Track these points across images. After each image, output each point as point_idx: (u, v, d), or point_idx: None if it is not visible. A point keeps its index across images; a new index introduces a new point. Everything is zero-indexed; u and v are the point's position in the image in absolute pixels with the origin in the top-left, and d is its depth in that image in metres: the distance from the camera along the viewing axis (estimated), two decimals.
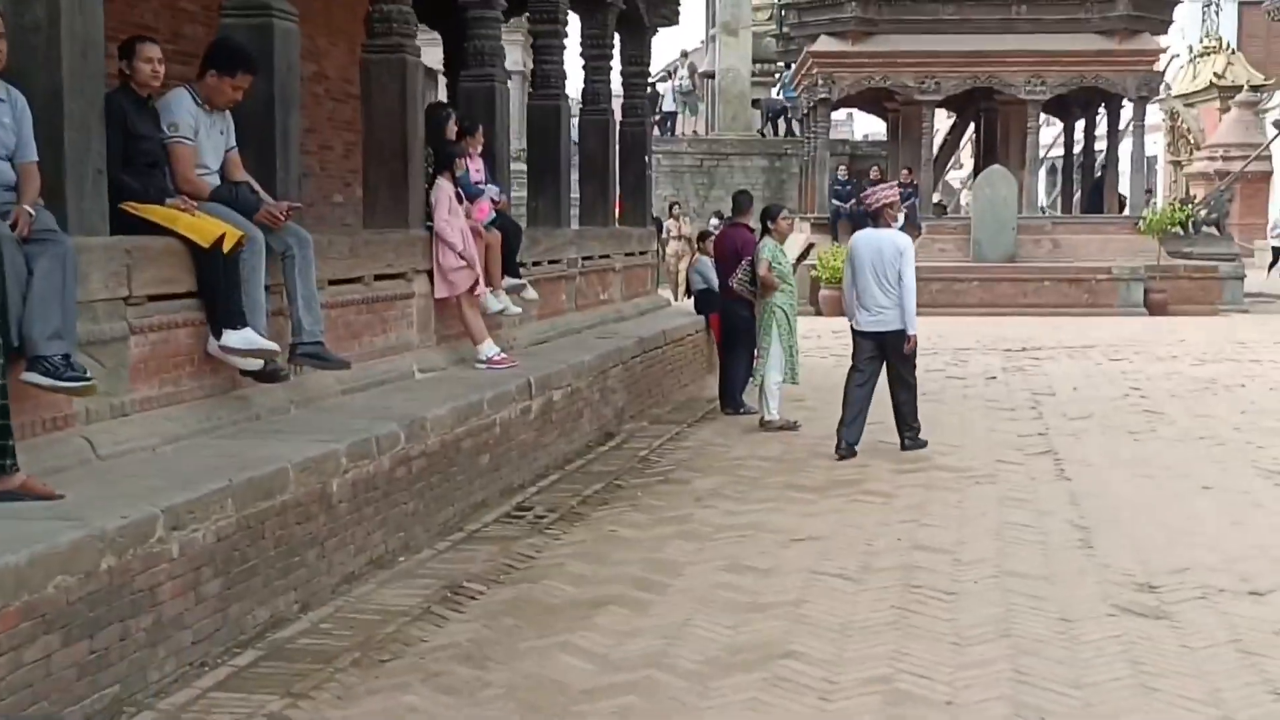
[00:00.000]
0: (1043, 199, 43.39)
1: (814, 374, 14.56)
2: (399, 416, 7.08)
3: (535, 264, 11.29)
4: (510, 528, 7.55)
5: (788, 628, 5.63)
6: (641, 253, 15.11)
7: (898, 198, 10.89)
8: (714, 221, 28.71)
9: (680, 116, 38.87)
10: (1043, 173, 43.43)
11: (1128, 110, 26.61)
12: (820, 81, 25.14)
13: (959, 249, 23.92)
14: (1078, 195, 29.89)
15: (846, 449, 9.62)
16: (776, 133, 35.11)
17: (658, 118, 38.23)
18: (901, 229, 11.34)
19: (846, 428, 9.70)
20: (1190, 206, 26.11)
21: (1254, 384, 13.64)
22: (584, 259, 12.73)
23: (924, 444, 9.83)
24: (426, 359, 8.88)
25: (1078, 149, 29.50)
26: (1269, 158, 37.21)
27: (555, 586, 6.30)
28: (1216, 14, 43.90)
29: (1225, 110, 38.75)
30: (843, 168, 25.60)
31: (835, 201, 25.08)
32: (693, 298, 14.76)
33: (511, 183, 12.31)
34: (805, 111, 27.79)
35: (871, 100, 28.82)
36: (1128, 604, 5.97)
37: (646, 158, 15.65)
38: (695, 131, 38.84)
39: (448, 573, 6.53)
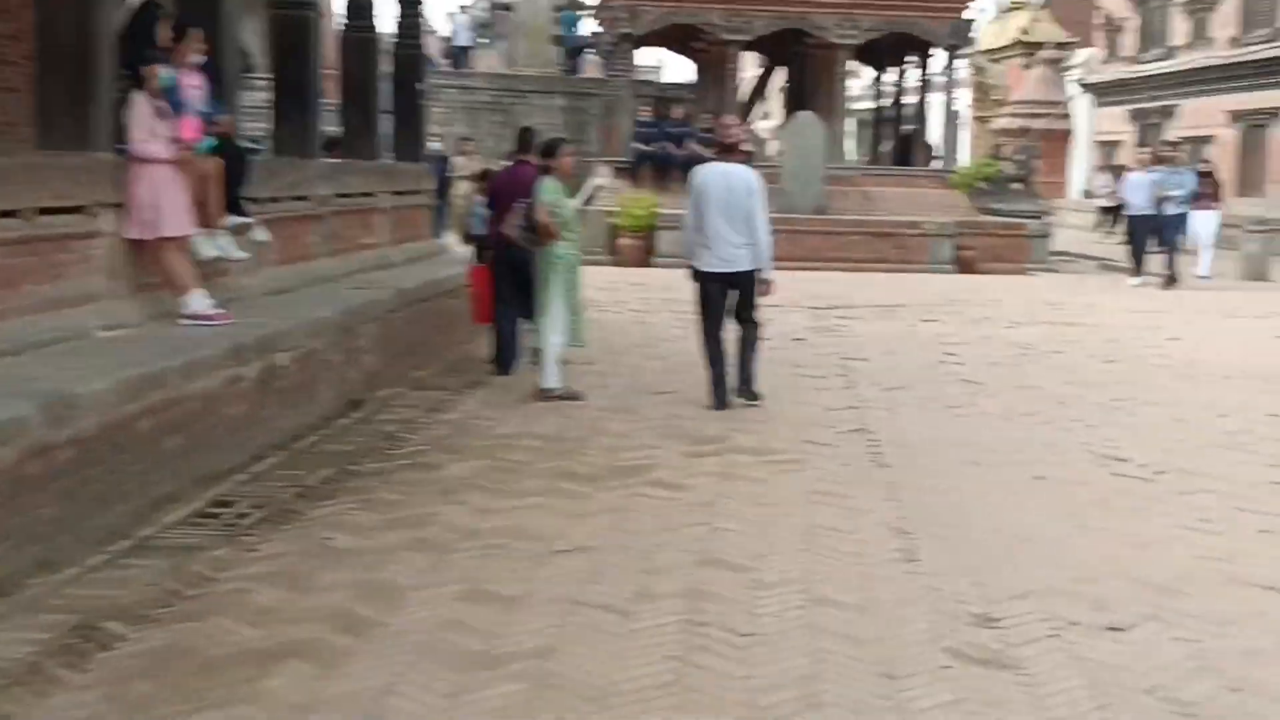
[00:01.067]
0: (853, 150, 42.89)
1: (607, 332, 13.18)
2: (39, 393, 5.39)
3: (274, 200, 9.59)
4: (196, 533, 5.93)
5: (527, 696, 4.19)
6: (415, 191, 13.44)
7: (745, 136, 10.13)
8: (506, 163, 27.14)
9: (475, 50, 36.84)
10: (852, 125, 42.90)
11: (938, 62, 25.86)
12: (622, 16, 23.63)
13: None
14: (887, 147, 29.12)
15: (721, 403, 9.13)
16: (577, 71, 33.51)
17: (447, 52, 36.38)
18: None
19: (716, 385, 9.18)
20: (998, 162, 25.48)
21: (1072, 350, 12.72)
22: (340, 196, 11.03)
23: (759, 397, 9.30)
24: (113, 313, 7.16)
25: (888, 101, 28.67)
26: (1070, 116, 37.26)
27: (227, 627, 4.73)
28: None
29: (1029, 67, 38.64)
30: (645, 109, 24.16)
31: (638, 144, 23.65)
32: (473, 243, 13.16)
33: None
34: (608, 49, 26.23)
35: (679, 40, 27.42)
36: (964, 647, 4.70)
37: (420, 85, 13.92)
38: (492, 67, 36.98)
39: (88, 604, 4.91)
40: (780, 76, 29.47)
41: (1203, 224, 21.00)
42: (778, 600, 5.15)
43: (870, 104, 30.32)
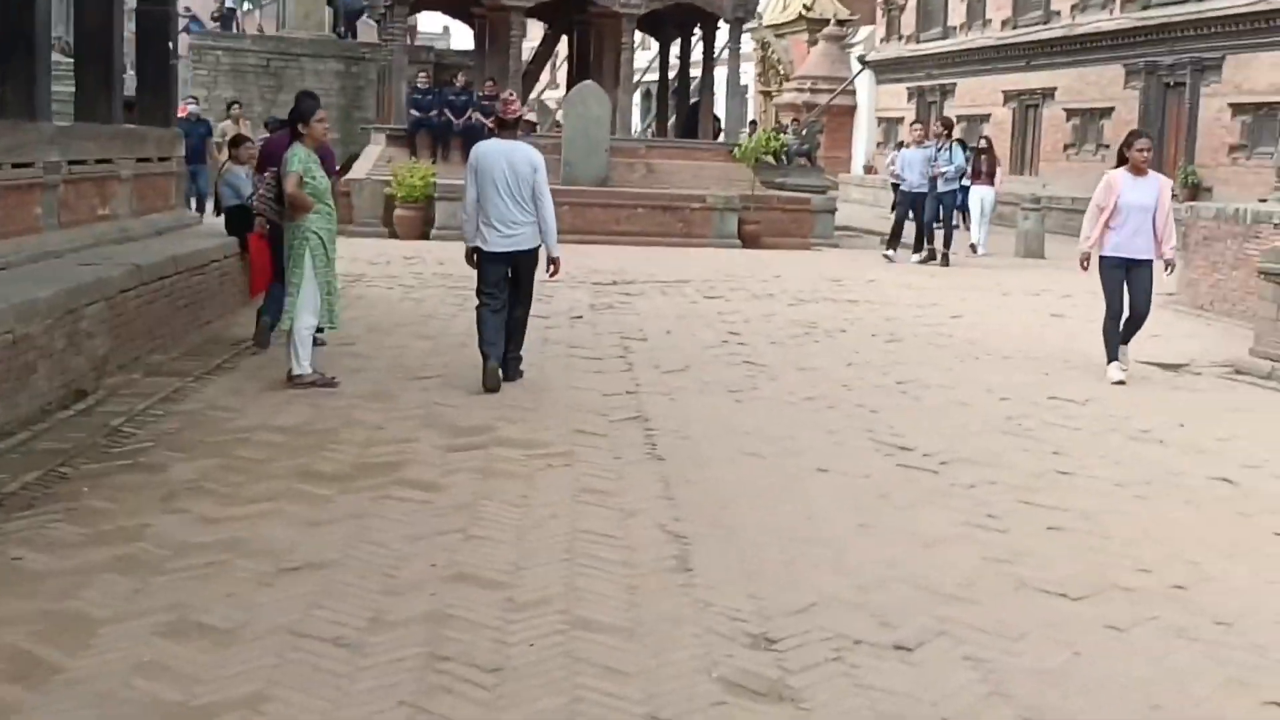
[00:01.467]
0: (638, 124, 42.56)
1: (373, 310, 12.42)
2: None
3: None
4: None
5: None
6: (163, 159, 12.37)
7: (520, 110, 9.46)
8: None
9: (241, 12, 35.15)
10: (638, 97, 42.59)
11: (723, 34, 25.63)
12: None
13: (550, 170, 22.05)
14: (673, 120, 28.81)
15: (494, 386, 8.75)
16: (353, 35, 32.26)
17: (216, 14, 34.69)
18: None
19: (489, 368, 8.80)
20: (783, 136, 25.41)
21: (854, 329, 12.50)
22: (72, 164, 9.97)
23: (522, 375, 9.15)
24: None
25: (674, 74, 28.35)
26: (854, 92, 37.66)
27: None
28: None
29: (813, 43, 38.91)
30: (423, 75, 23.21)
31: (415, 112, 22.72)
32: (223, 215, 12.21)
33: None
34: (382, 11, 25.15)
35: (458, 5, 26.55)
36: (738, 676, 4.19)
37: (171, 44, 12.83)
38: (261, 29, 35.38)
39: None
40: (565, 46, 28.86)
41: (978, 200, 21.30)
42: (533, 624, 4.56)
43: (656, 76, 29.93)
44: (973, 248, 21.19)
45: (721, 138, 25.39)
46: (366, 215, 20.74)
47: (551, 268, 9.02)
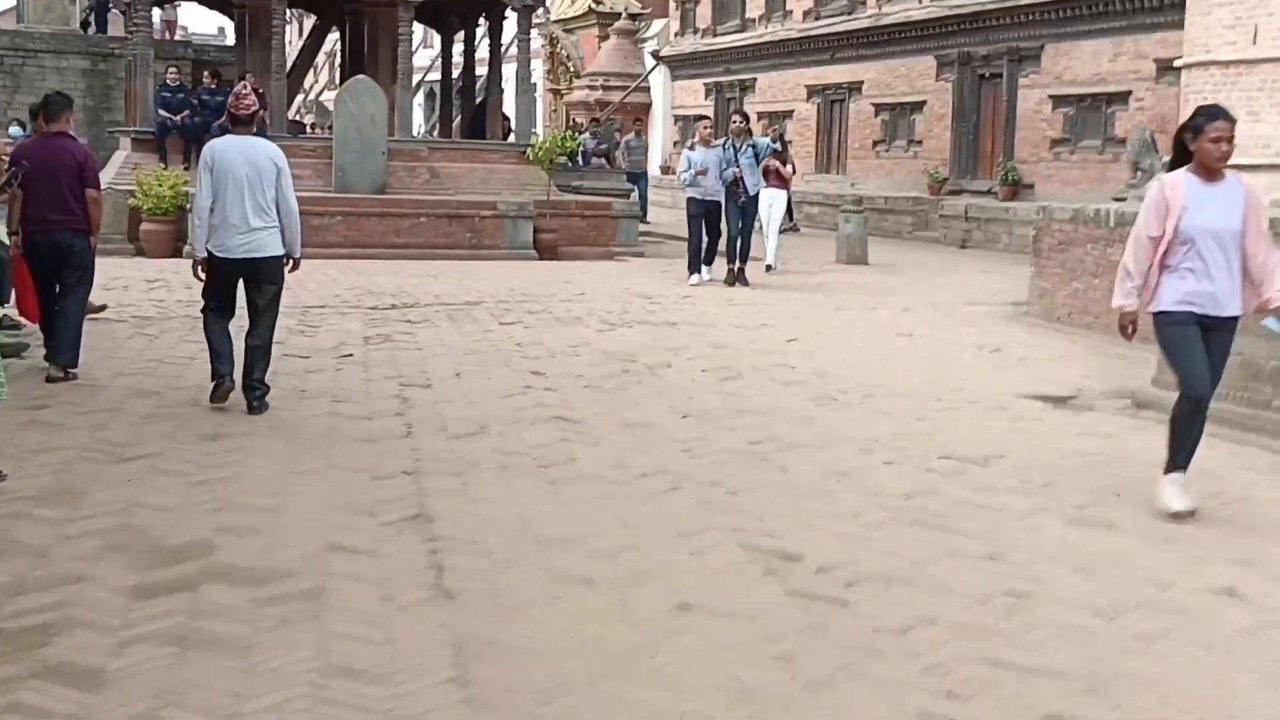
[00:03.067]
0: (420, 125, 40.07)
1: (89, 355, 9.86)
2: None
3: None
4: None
5: None
6: None
7: (256, 105, 8.50)
8: (14, 130, 22.58)
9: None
10: (420, 98, 40.10)
11: (511, 26, 23.49)
12: None
13: (320, 176, 19.66)
14: (458, 121, 26.51)
15: (224, 395, 8.14)
16: (103, 29, 29.02)
17: None
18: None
19: (223, 383, 8.13)
20: (579, 135, 23.38)
21: (680, 362, 10.51)
22: None
23: (267, 407, 8.13)
24: None
25: (458, 71, 26.05)
26: (648, 89, 35.96)
27: None
28: None
29: (604, 38, 37.14)
30: (173, 70, 20.40)
31: (163, 112, 19.94)
32: None
33: None
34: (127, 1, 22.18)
35: None
36: None
37: None
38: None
39: None
40: (336, 40, 26.28)
41: (766, 205, 17.64)
42: None
43: (439, 76, 27.60)
44: (767, 268, 17.74)
45: (512, 138, 23.23)
46: (109, 230, 17.89)
47: (291, 265, 8.32)
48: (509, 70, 22.69)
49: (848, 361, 10.70)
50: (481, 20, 24.17)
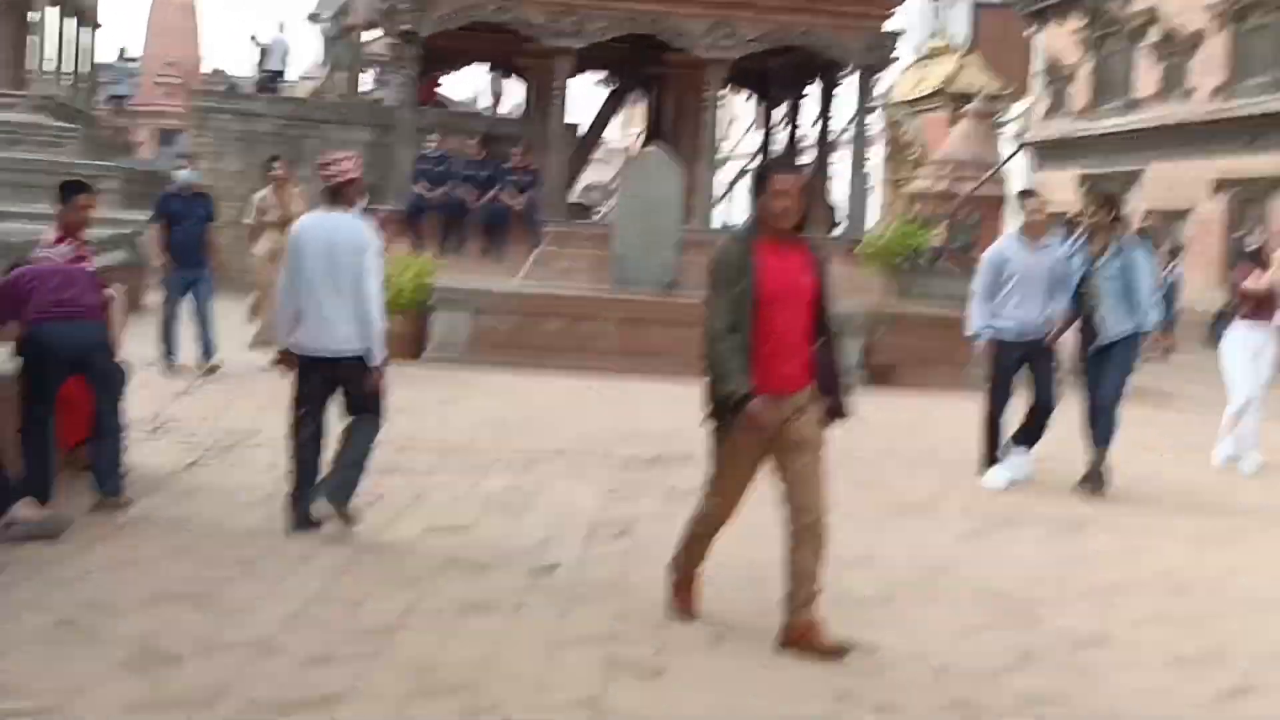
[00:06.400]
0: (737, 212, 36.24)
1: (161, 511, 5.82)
2: None
3: None
4: None
5: None
6: None
7: (358, 173, 6.86)
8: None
9: (326, 70, 29.03)
10: (729, 176, 36.37)
11: (847, 93, 19.19)
12: (403, 5, 16.51)
13: (595, 270, 15.69)
14: None
15: (303, 522, 6.66)
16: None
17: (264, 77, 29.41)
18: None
19: (298, 498, 6.72)
20: (928, 228, 18.63)
21: (1124, 630, 5.67)
22: None
23: (352, 520, 6.66)
24: None
25: (779, 145, 21.88)
26: (1003, 180, 30.99)
27: None
28: (945, 12, 37.69)
29: (955, 121, 32.46)
30: (433, 138, 16.98)
31: (419, 188, 16.47)
32: None
33: None
34: (388, 56, 18.96)
35: (500, 53, 20.44)
36: None
37: None
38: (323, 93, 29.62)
39: None
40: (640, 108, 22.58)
41: (1248, 355, 10.25)
42: None
43: (755, 147, 23.51)
44: (1238, 464, 10.27)
45: (839, 230, 18.76)
46: None
47: (373, 379, 6.71)
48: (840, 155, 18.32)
49: None
50: (810, 86, 19.96)
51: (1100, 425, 8.93)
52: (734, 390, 5.10)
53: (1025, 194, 9.72)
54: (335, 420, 6.91)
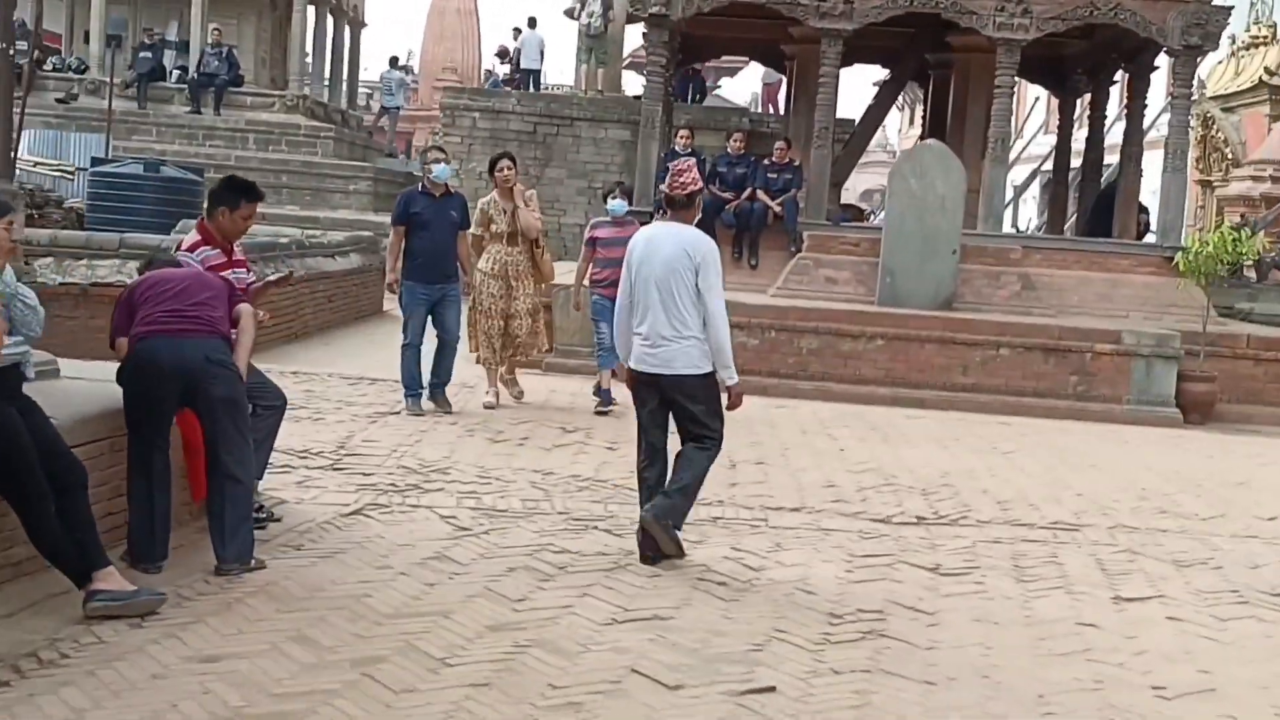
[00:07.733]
0: (1031, 219, 33.52)
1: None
2: None
3: None
4: None
5: None
6: None
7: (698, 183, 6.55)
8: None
9: (586, 67, 27.80)
10: (1035, 189, 33.61)
11: (1160, 80, 16.76)
12: None
13: (861, 282, 13.84)
14: (1073, 217, 19.87)
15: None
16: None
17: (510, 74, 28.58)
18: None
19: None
20: (1254, 235, 15.94)
21: None
22: None
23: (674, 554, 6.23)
24: None
25: (1079, 142, 19.46)
26: None
27: None
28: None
29: (1277, 117, 29.06)
30: (683, 134, 15.39)
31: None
32: None
33: None
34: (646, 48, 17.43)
35: (763, 42, 18.74)
36: None
37: None
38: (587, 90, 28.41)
39: None
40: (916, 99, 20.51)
41: None
42: None
43: (1050, 145, 21.15)
44: None
45: (1150, 238, 16.34)
46: (568, 342, 13.05)
47: (732, 399, 6.41)
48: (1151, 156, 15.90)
49: None
50: (1118, 74, 17.54)
51: None
52: None
53: None
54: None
